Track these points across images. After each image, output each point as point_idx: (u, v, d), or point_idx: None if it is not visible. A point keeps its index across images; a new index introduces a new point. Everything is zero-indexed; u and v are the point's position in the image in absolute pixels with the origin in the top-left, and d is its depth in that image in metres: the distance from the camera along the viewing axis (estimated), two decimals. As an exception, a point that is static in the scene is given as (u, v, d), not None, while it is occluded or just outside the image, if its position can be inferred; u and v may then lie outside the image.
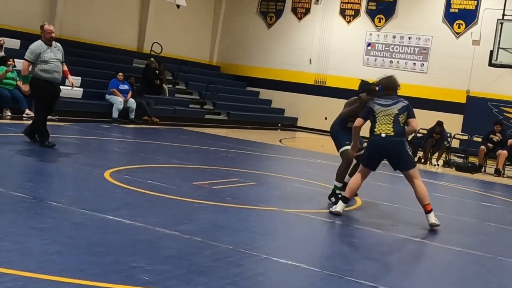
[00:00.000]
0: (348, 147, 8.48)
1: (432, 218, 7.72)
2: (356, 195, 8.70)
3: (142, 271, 4.58)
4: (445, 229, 7.94)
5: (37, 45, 10.56)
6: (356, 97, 8.67)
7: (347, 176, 8.74)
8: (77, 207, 6.33)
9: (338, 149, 8.67)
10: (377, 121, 7.83)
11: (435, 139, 17.40)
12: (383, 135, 7.76)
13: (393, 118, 7.77)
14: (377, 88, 8.18)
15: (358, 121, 8.01)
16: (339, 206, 7.85)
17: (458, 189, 12.82)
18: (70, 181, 8.04)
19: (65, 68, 11.00)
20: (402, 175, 7.95)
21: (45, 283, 4.14)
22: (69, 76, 11.18)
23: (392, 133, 7.73)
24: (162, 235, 5.71)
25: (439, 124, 17.49)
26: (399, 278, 5.47)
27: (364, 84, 8.77)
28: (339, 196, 8.22)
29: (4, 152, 9.61)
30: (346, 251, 6.39)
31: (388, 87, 8.01)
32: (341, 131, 8.70)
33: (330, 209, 7.95)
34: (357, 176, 8.00)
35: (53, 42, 10.72)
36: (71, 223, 5.77)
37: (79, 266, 4.53)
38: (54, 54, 10.60)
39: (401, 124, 7.79)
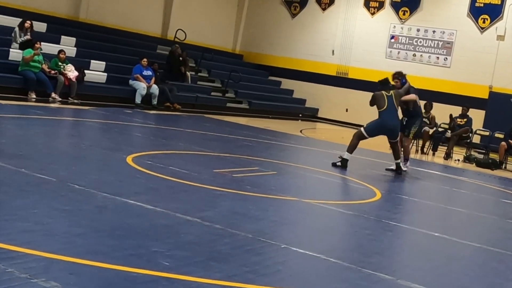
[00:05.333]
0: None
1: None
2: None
3: (163, 256, 4.64)
4: (464, 224, 7.94)
5: None
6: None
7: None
8: (100, 190, 6.40)
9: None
10: None
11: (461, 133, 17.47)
12: None
13: None
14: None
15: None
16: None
17: (478, 185, 12.75)
18: (93, 165, 8.11)
19: None
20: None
21: (67, 265, 4.20)
22: None
23: None
24: (182, 221, 5.77)
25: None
26: (418, 272, 5.47)
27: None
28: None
29: (28, 134, 9.71)
30: (365, 243, 6.40)
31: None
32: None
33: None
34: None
35: None
36: (93, 206, 5.84)
37: (100, 249, 4.60)
38: None
39: None
